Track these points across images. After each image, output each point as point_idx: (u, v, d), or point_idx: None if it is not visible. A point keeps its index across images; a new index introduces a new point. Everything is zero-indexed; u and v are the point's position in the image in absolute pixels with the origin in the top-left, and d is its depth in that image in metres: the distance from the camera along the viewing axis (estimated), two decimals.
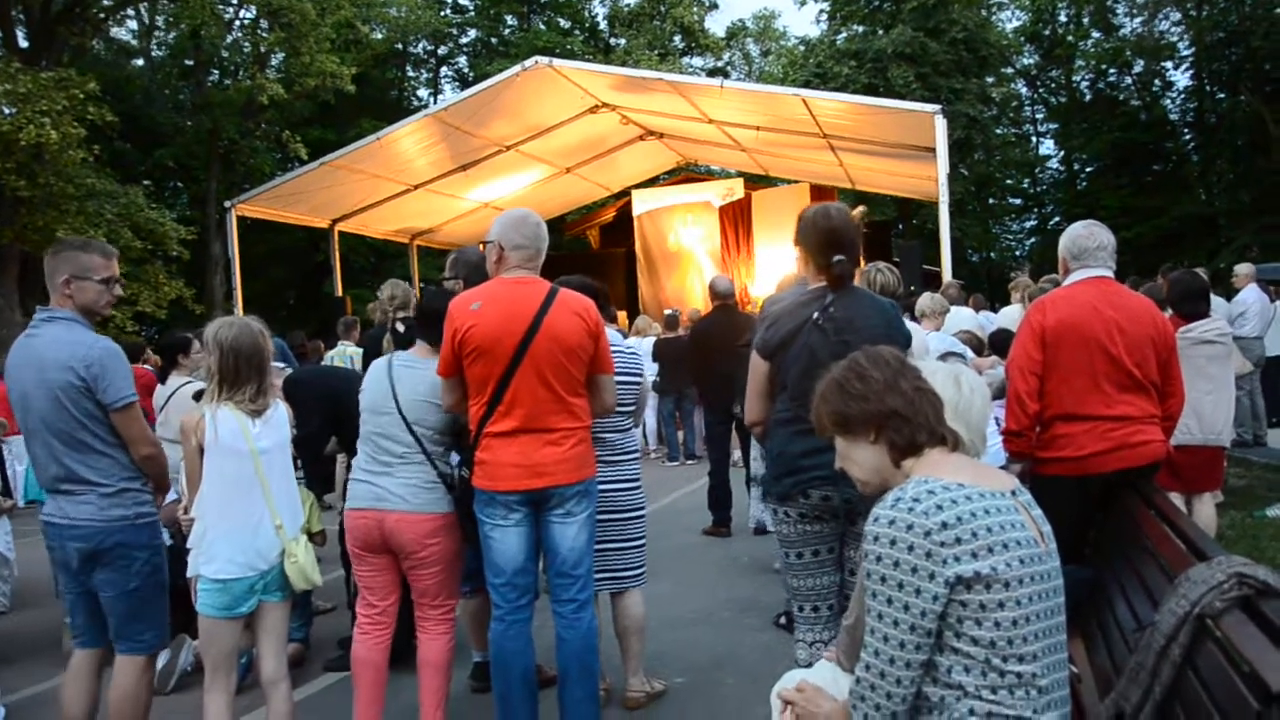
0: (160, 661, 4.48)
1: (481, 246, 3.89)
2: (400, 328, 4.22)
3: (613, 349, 4.08)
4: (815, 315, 3.35)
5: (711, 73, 34.50)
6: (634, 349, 4.65)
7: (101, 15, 19.23)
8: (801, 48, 33.40)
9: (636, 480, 4.42)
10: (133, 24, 23.76)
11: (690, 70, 32.81)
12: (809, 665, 3.36)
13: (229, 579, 3.44)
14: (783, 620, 5.40)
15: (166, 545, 3.90)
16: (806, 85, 23.66)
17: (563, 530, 3.59)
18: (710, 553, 7.37)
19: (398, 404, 3.77)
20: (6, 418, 8.03)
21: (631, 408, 4.46)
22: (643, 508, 4.44)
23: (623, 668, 4.45)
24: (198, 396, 4.54)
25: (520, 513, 3.55)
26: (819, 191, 17.14)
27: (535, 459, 3.49)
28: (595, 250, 20.19)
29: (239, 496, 3.47)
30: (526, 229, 3.67)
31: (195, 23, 19.94)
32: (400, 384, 3.81)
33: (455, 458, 3.92)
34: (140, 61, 25.78)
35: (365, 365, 4.42)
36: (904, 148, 13.14)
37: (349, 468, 4.19)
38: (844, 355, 2.34)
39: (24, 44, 17.53)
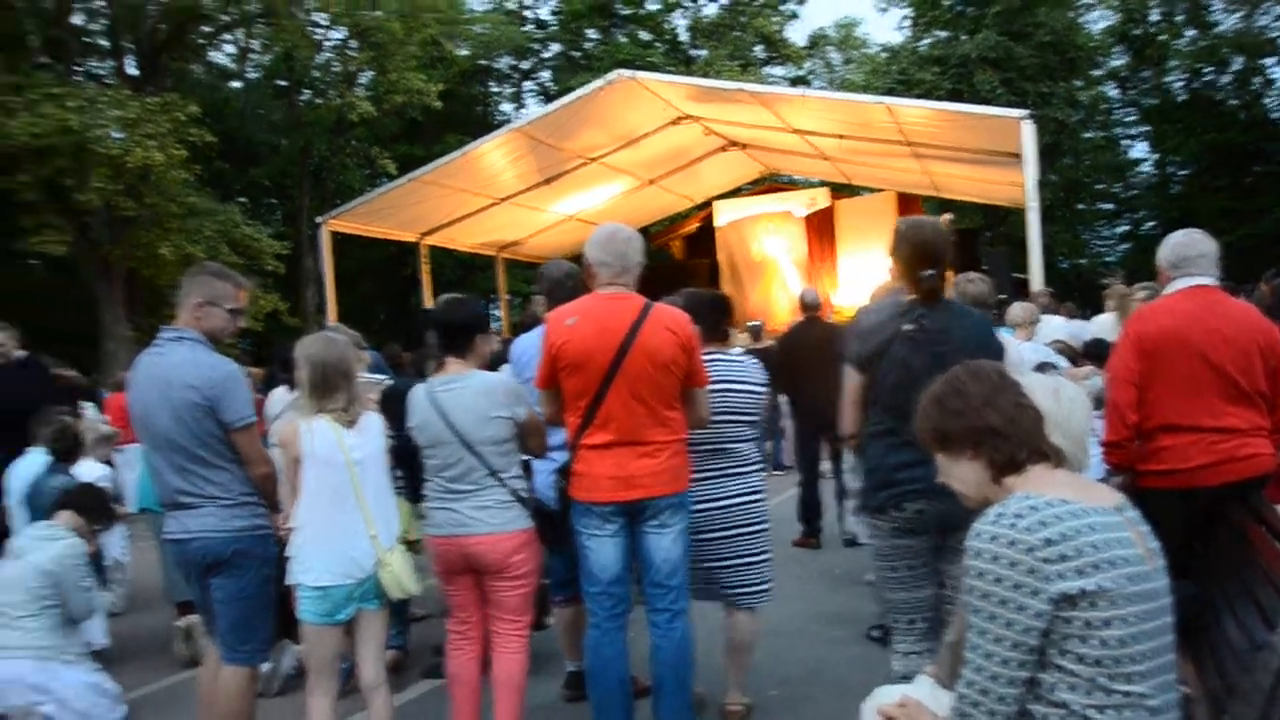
0: (265, 666, 4.63)
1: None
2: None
3: (728, 360, 4.11)
4: (907, 327, 3.35)
5: (793, 82, 34.31)
6: (752, 360, 4.51)
7: (202, 41, 19.91)
8: (884, 55, 33.07)
9: (761, 492, 4.34)
10: (230, 48, 24.54)
11: (771, 80, 32.69)
12: (905, 677, 3.35)
13: (327, 586, 3.54)
14: (876, 634, 5.35)
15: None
16: (890, 93, 23.42)
17: (657, 541, 3.63)
18: (800, 564, 7.34)
19: (454, 430, 3.77)
20: (122, 428, 8.35)
21: (754, 418, 4.36)
22: (766, 520, 4.36)
23: (727, 679, 4.43)
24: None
25: (616, 523, 3.61)
26: (904, 200, 16.96)
27: (630, 471, 3.54)
28: (679, 261, 20.23)
29: (334, 506, 3.57)
30: (612, 246, 3.72)
31: (288, 45, 20.54)
32: (449, 409, 3.79)
33: (548, 466, 3.98)
34: (237, 84, 26.61)
35: None
36: (990, 154, 12.94)
37: None
38: (937, 367, 2.33)
39: (133, 72, 18.23)
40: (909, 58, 29.06)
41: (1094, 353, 6.39)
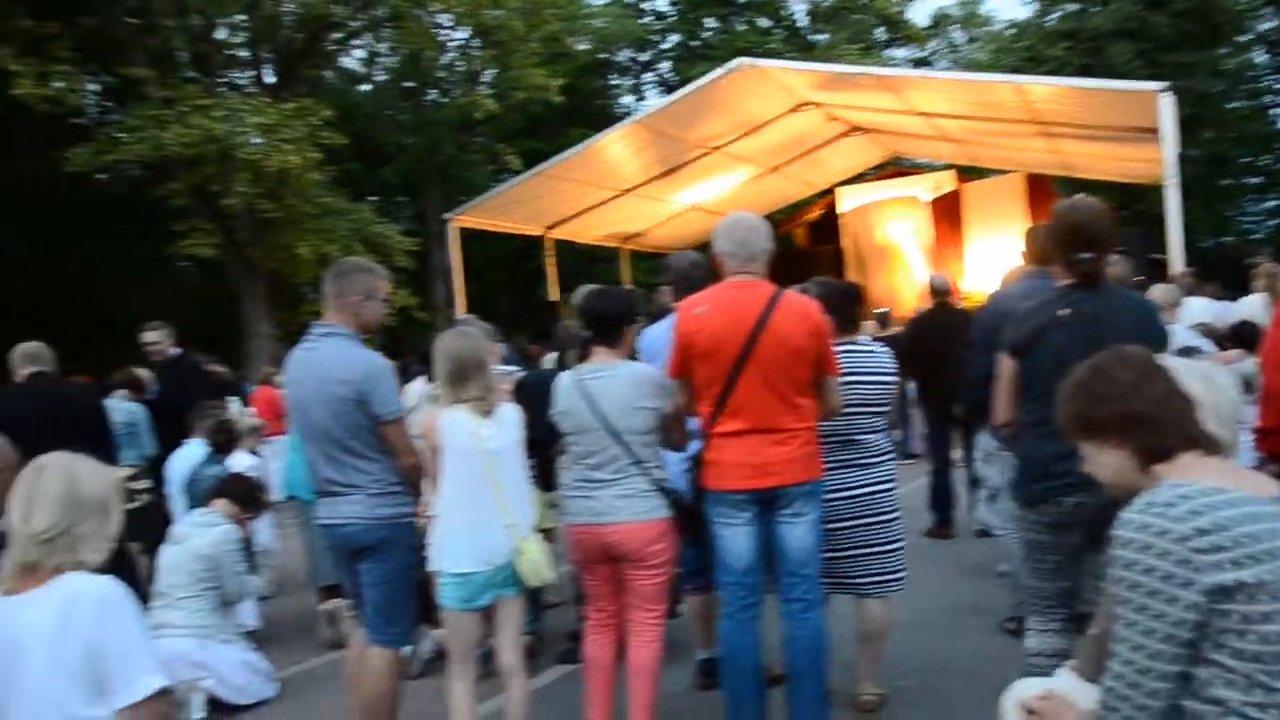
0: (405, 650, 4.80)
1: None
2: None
3: (859, 350, 4.09)
4: (1063, 312, 3.26)
5: (916, 63, 33.59)
6: (883, 348, 4.48)
7: (333, 48, 20.60)
8: (1011, 31, 32.08)
9: (892, 482, 4.32)
10: (359, 53, 25.30)
11: (894, 62, 32.06)
12: (1039, 654, 3.29)
13: (467, 573, 3.65)
14: (1011, 626, 5.24)
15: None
16: (1017, 70, 22.70)
17: (791, 530, 3.63)
18: (931, 554, 7.22)
19: (600, 418, 3.83)
20: (270, 419, 8.74)
21: (885, 408, 4.33)
22: (898, 510, 4.34)
23: (859, 669, 4.41)
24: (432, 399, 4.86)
25: (749, 512, 3.62)
26: (1033, 181, 16.44)
27: (762, 458, 3.55)
28: (803, 249, 20.04)
29: (473, 495, 3.67)
30: (735, 234, 3.74)
31: (415, 47, 21.07)
32: (598, 397, 3.84)
33: (678, 455, 4.02)
34: (366, 87, 27.43)
35: None
36: (1125, 130, 12.43)
37: None
38: (1094, 354, 2.27)
39: (270, 80, 19.01)
40: (1037, 34, 28.12)
41: (1242, 336, 6.11)
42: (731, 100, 14.00)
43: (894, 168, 20.24)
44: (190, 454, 6.56)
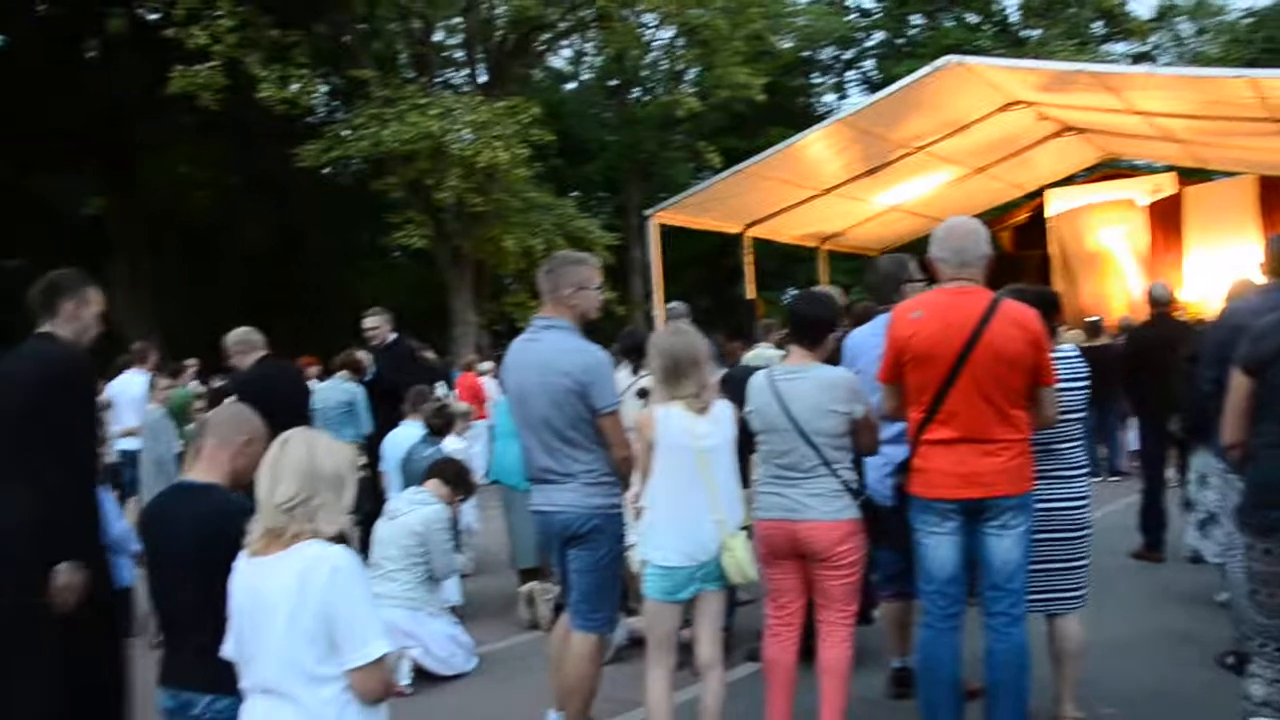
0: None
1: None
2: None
3: (1058, 356, 3.99)
4: None
5: (1136, 59, 31.81)
6: (1074, 352, 4.38)
7: (542, 48, 21.31)
8: (1248, 21, 29.97)
9: (1085, 497, 4.18)
10: (567, 52, 26.06)
11: (1112, 58, 30.47)
12: (1265, 708, 3.12)
13: (672, 566, 3.73)
14: (1230, 661, 4.93)
15: None
16: (1253, 64, 21.20)
17: (998, 543, 3.56)
18: (1138, 578, 6.89)
19: (791, 419, 3.85)
20: (471, 405, 9.15)
21: (1082, 414, 4.23)
22: (1089, 526, 4.21)
23: (1059, 691, 4.26)
24: (641, 394, 4.99)
25: (955, 521, 3.57)
26: (1267, 184, 15.32)
27: (973, 468, 3.50)
28: (1008, 253, 19.33)
29: (683, 490, 3.73)
30: (950, 241, 3.70)
31: (620, 47, 21.51)
32: (789, 398, 3.87)
33: (879, 461, 4.00)
34: (572, 85, 28.19)
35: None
36: None
37: None
38: None
39: (483, 79, 19.86)
40: (1277, 23, 26.14)
41: None
42: (938, 99, 13.65)
43: (1109, 169, 19.25)
44: (407, 435, 6.94)
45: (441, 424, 6.91)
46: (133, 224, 23.96)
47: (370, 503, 7.06)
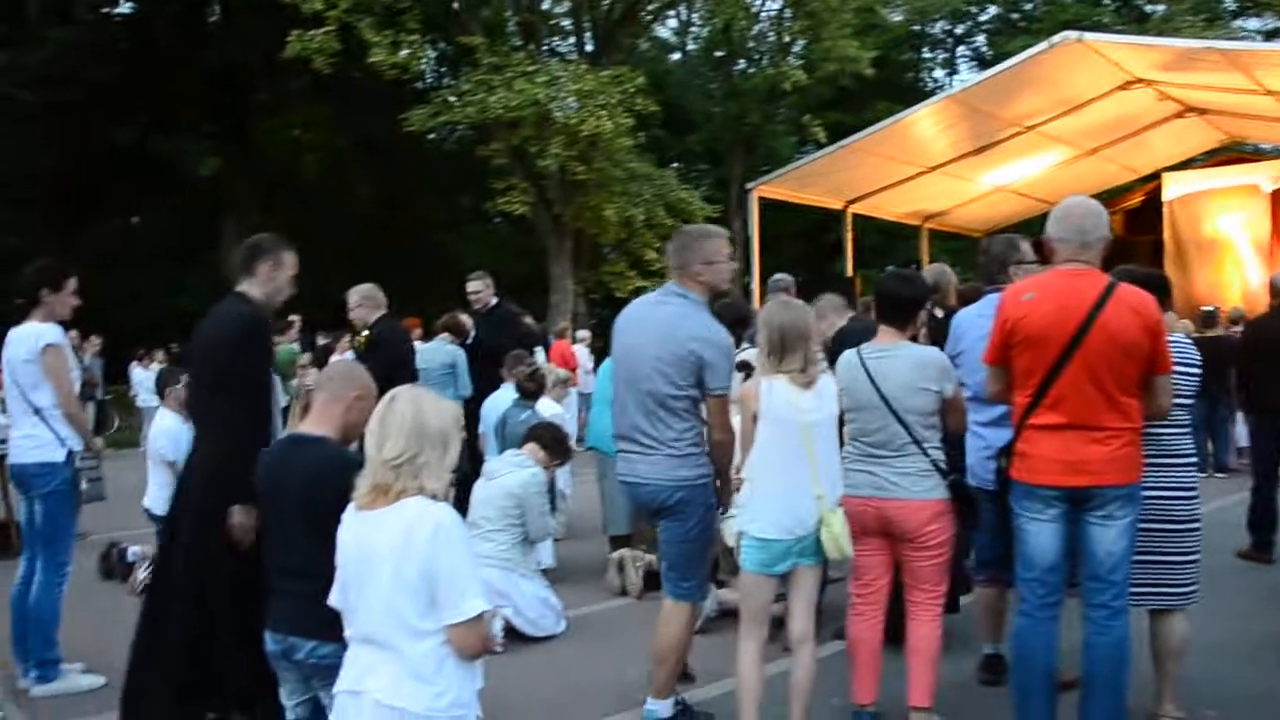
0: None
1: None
2: (939, 313, 4.30)
3: (1170, 341, 3.87)
4: None
5: (1268, 35, 30.39)
6: (1185, 340, 4.25)
7: (649, 17, 21.27)
8: None
9: (1193, 489, 4.03)
10: (673, 22, 25.96)
11: (1244, 35, 29.13)
12: None
13: (769, 539, 3.74)
14: None
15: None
16: None
17: (1101, 533, 3.48)
18: (1245, 578, 6.65)
19: (882, 397, 3.85)
20: (570, 369, 9.24)
21: (1191, 401, 4.11)
22: (1198, 520, 4.05)
23: (1159, 689, 4.14)
24: (740, 366, 4.99)
25: (1057, 509, 3.50)
26: None
27: (1079, 456, 3.42)
28: (1119, 238, 18.69)
29: (785, 464, 3.72)
30: (1069, 221, 3.60)
31: (727, 17, 21.34)
32: (879, 376, 3.87)
33: (978, 444, 3.94)
34: (677, 56, 28.09)
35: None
36: None
37: None
38: None
39: (589, 48, 19.92)
40: None
41: None
42: (1053, 76, 13.26)
43: (1232, 153, 18.48)
44: (504, 398, 7.05)
45: (534, 388, 6.98)
46: (246, 184, 24.74)
47: (468, 464, 7.23)
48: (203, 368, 4.12)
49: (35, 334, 4.69)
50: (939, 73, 32.59)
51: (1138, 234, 18.07)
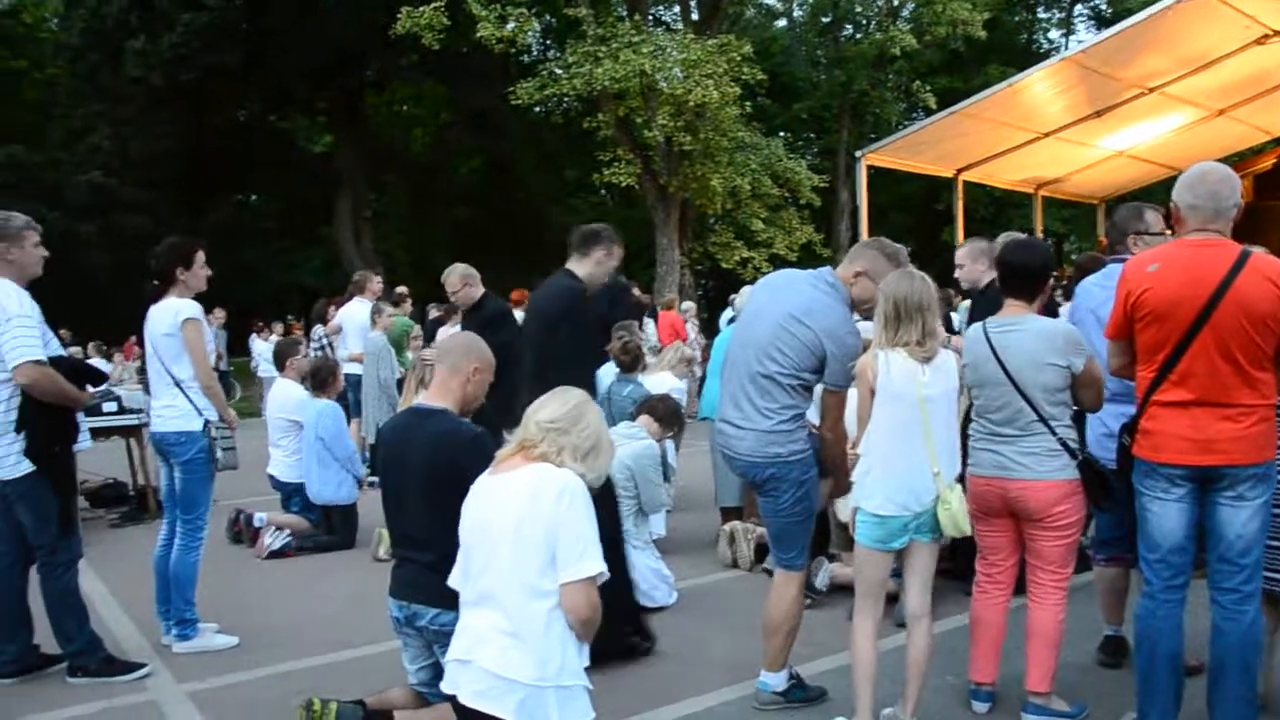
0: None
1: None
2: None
3: None
4: None
5: None
6: None
7: None
8: None
9: None
10: None
11: None
12: None
13: (885, 515, 3.70)
14: None
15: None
16: None
17: (1232, 514, 3.35)
18: None
19: (1007, 373, 3.74)
20: (663, 344, 9.25)
21: None
22: None
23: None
24: None
25: (1184, 488, 3.39)
26: None
27: (1208, 434, 3.30)
28: (1249, 203, 17.84)
29: (902, 439, 3.66)
30: (1202, 187, 3.43)
31: None
32: (1004, 351, 3.75)
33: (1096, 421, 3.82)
34: (783, 22, 27.74)
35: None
36: None
37: None
38: None
39: (694, 17, 19.82)
40: None
41: None
42: (1179, 33, 12.66)
43: None
44: (609, 370, 7.12)
45: (628, 360, 7.01)
46: (357, 161, 25.34)
47: None
48: (541, 332, 4.74)
49: (175, 309, 4.90)
50: (1054, 33, 31.50)
51: (1268, 199, 17.22)
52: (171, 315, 4.89)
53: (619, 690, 4.31)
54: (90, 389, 5.02)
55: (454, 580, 3.06)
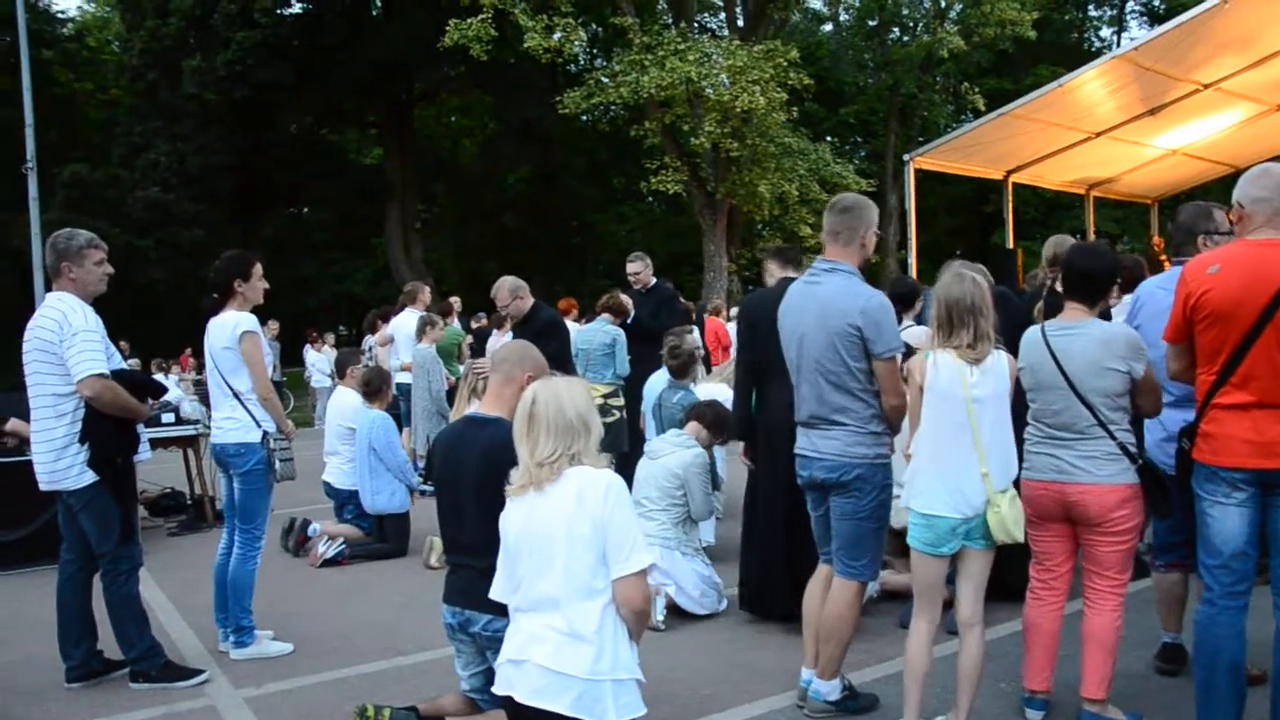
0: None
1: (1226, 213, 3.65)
2: (1060, 288, 4.10)
3: None
4: None
5: None
6: None
7: None
8: None
9: None
10: None
11: None
12: None
13: (933, 516, 3.67)
14: None
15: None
16: None
17: None
18: None
19: (1066, 377, 3.69)
20: (714, 350, 9.23)
21: None
22: None
23: None
24: None
25: (1246, 492, 3.32)
26: None
27: (1271, 436, 3.23)
28: None
29: (950, 440, 3.64)
30: (1268, 179, 3.37)
31: None
32: (1063, 355, 3.70)
33: (1155, 425, 3.75)
34: (829, 27, 27.66)
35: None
36: None
37: None
38: None
39: (740, 24, 19.84)
40: None
41: None
42: (1235, 28, 12.39)
43: None
44: (661, 378, 7.12)
45: (676, 365, 7.00)
46: (406, 171, 25.64)
47: (630, 443, 7.31)
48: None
49: (234, 322, 4.99)
50: (1105, 31, 31.10)
51: None
52: (230, 328, 4.98)
53: (669, 698, 4.31)
54: (151, 402, 5.11)
55: (497, 593, 3.10)
